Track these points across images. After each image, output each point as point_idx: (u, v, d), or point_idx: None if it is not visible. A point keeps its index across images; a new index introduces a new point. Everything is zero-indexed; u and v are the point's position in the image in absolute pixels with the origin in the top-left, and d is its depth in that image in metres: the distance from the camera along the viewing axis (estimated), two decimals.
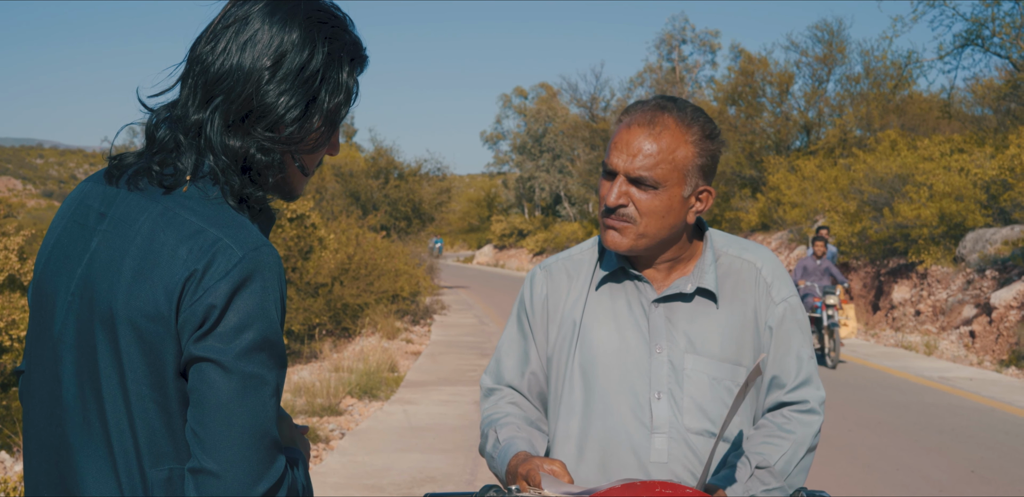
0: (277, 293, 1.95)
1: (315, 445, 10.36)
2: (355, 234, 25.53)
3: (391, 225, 39.76)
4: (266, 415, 1.90)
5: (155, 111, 2.10)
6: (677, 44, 62.59)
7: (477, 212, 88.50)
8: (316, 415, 11.97)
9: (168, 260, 1.90)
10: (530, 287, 3.02)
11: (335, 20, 2.12)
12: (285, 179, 2.15)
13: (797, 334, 2.85)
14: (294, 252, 22.98)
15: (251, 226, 1.98)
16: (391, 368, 16.55)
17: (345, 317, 23.16)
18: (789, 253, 32.46)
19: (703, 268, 2.84)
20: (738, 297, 2.84)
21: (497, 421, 2.90)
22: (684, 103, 2.79)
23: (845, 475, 9.35)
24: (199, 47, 2.06)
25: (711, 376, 2.77)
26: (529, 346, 2.98)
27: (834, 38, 40.00)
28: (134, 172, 2.05)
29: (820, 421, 2.82)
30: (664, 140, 2.68)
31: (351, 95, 2.14)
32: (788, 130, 40.97)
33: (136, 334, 1.90)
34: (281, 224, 23.19)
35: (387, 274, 24.97)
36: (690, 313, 2.82)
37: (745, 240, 2.99)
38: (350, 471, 9.17)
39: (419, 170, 42.75)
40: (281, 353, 1.95)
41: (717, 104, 44.53)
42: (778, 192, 34.90)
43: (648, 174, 2.67)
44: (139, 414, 1.91)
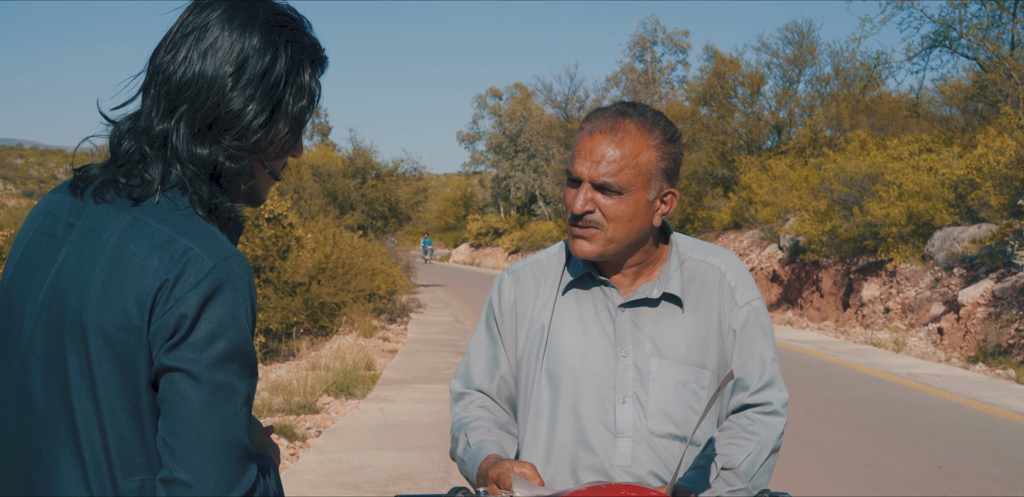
0: (248, 302, 1.94)
1: (292, 443, 10.40)
2: (332, 233, 25.56)
3: (368, 224, 39.73)
4: (237, 424, 1.89)
5: (117, 123, 2.07)
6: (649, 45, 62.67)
7: (453, 211, 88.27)
8: (293, 413, 12.07)
9: (139, 270, 1.89)
10: (498, 292, 3.05)
11: (293, 23, 2.10)
12: (254, 185, 2.13)
13: (760, 337, 2.90)
14: (272, 251, 23.00)
15: (221, 236, 1.97)
16: (368, 366, 16.58)
17: (322, 316, 23.20)
18: (760, 251, 32.63)
19: (668, 273, 2.88)
20: (703, 301, 2.88)
21: (467, 425, 2.94)
22: (644, 108, 2.82)
23: (813, 471, 9.48)
24: (159, 56, 2.04)
25: (676, 379, 2.81)
26: (498, 350, 3.01)
27: (804, 39, 40.12)
28: (100, 184, 2.03)
29: (784, 423, 2.90)
30: (627, 145, 2.71)
31: (314, 97, 2.12)
32: (759, 130, 41.08)
33: (107, 344, 1.89)
34: (259, 224, 23.19)
35: (364, 273, 25.00)
36: (656, 317, 2.85)
37: (709, 244, 3.04)
38: (326, 469, 9.24)
39: (396, 170, 42.69)
40: (252, 363, 1.94)
41: (690, 104, 44.58)
42: (750, 191, 34.99)
43: (613, 180, 2.70)
44: (110, 424, 1.91)
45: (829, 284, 27.06)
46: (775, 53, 40.84)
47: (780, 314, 28.46)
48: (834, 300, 26.67)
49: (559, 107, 63.86)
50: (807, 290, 28.38)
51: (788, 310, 28.72)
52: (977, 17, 29.55)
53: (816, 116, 38.22)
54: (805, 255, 27.85)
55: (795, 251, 29.34)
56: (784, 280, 29.98)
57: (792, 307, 28.87)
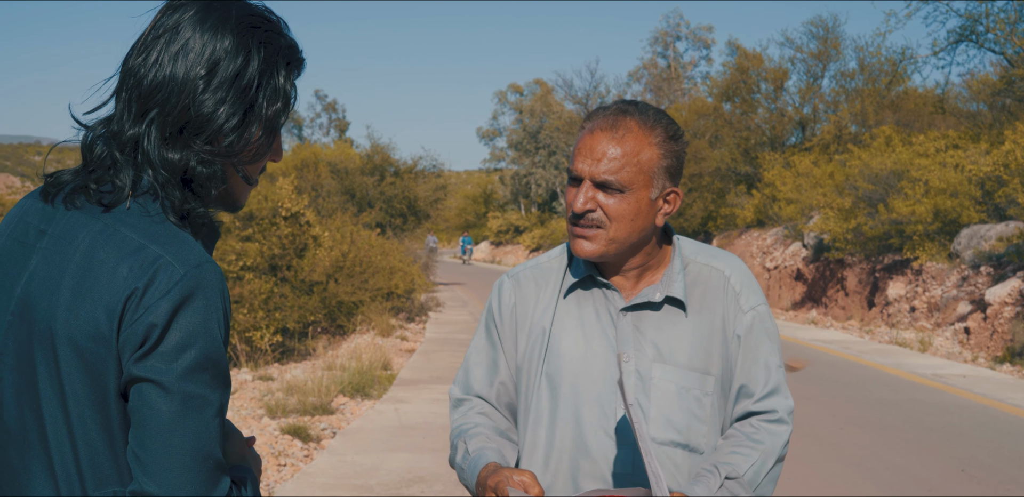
0: (220, 311, 1.90)
1: (306, 444, 10.35)
2: (350, 232, 25.53)
3: (386, 222, 39.74)
4: (209, 436, 1.85)
5: (90, 127, 2.05)
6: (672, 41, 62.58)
7: (473, 208, 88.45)
8: (308, 414, 11.93)
9: (108, 278, 1.86)
10: (498, 296, 3.01)
11: (268, 24, 2.06)
12: (228, 190, 2.11)
13: (765, 343, 2.85)
14: (289, 250, 22.99)
15: (194, 242, 1.94)
16: (384, 366, 16.54)
17: (340, 315, 23.19)
18: (784, 249, 32.46)
19: (672, 276, 2.83)
20: (707, 305, 2.83)
21: (467, 432, 2.89)
22: (645, 106, 2.79)
23: (833, 474, 9.32)
24: (131, 59, 2.01)
25: (679, 385, 2.76)
26: (498, 355, 2.97)
27: (829, 34, 39.92)
28: (71, 190, 2.00)
29: (789, 431, 2.82)
30: (628, 143, 2.68)
31: (289, 100, 2.09)
32: (783, 126, 40.93)
33: (77, 354, 1.86)
34: (276, 222, 23.19)
35: (382, 271, 24.98)
36: (658, 322, 2.81)
37: (713, 248, 2.98)
38: (339, 471, 9.15)
39: (415, 167, 42.72)
40: (224, 373, 1.90)
41: (712, 100, 44.47)
42: (773, 188, 34.87)
43: (614, 178, 2.66)
44: (81, 436, 1.87)
45: (854, 283, 26.88)
46: (799, 48, 40.68)
47: (804, 313, 28.33)
48: (859, 299, 26.50)
49: (580, 103, 63.88)
50: (831, 289, 28.21)
51: (812, 309, 28.57)
52: (1004, 11, 29.27)
53: (840, 112, 38.01)
54: (830, 253, 27.70)
55: (819, 249, 29.20)
56: (808, 278, 29.84)
57: (816, 306, 28.71)
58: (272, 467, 9.36)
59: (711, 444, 2.79)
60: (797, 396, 12.88)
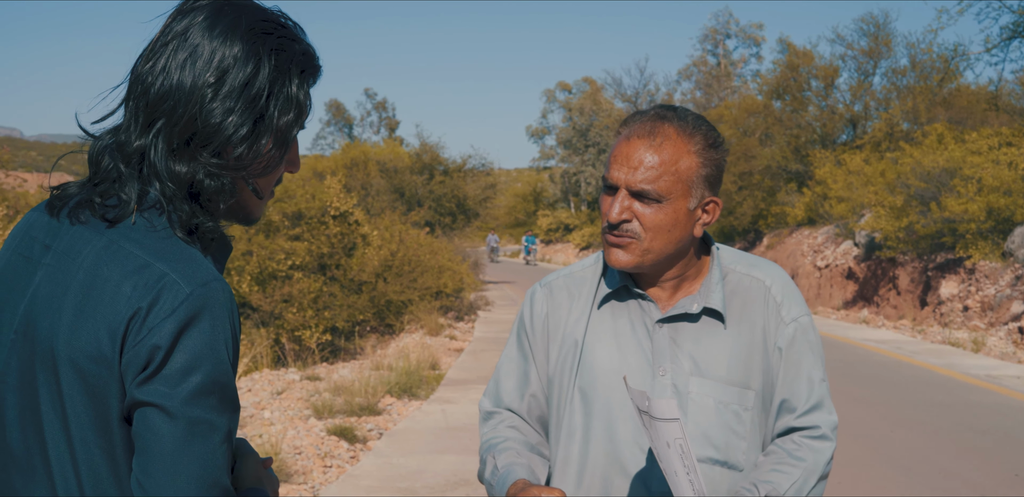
0: (228, 331, 1.81)
1: (352, 446, 10.33)
2: (398, 231, 25.57)
3: (436, 221, 39.80)
4: (215, 463, 1.77)
5: (98, 137, 1.97)
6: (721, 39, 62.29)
7: (523, 207, 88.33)
8: (355, 415, 11.92)
9: (111, 297, 1.78)
10: (530, 305, 2.92)
11: (281, 30, 1.97)
12: (239, 203, 2.02)
13: (808, 355, 2.74)
14: (337, 249, 23.08)
15: (201, 259, 1.85)
16: (432, 365, 16.53)
17: (389, 314, 23.23)
18: (835, 248, 32.21)
19: (710, 287, 2.74)
20: (746, 317, 2.74)
21: (496, 446, 2.81)
22: (685, 112, 2.69)
23: (882, 478, 9.20)
24: (140, 66, 1.93)
25: (717, 400, 2.67)
26: (529, 367, 2.89)
27: (880, 31, 39.55)
28: (75, 204, 1.93)
29: (832, 448, 2.72)
30: (666, 151, 2.58)
31: (303, 110, 2.00)
32: (834, 124, 40.57)
33: (79, 376, 1.78)
34: (325, 221, 23.26)
35: (431, 270, 25.00)
36: (696, 334, 2.71)
37: (754, 256, 2.89)
38: (384, 473, 9.12)
39: (464, 166, 42.77)
40: (232, 396, 1.82)
41: (762, 98, 44.20)
42: (824, 186, 34.60)
43: (651, 187, 2.57)
44: (84, 461, 1.80)
45: (906, 282, 26.62)
46: (850, 45, 40.33)
47: (855, 312, 28.07)
48: (911, 298, 26.25)
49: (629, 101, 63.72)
50: (883, 288, 27.96)
51: (863, 308, 28.32)
52: None
53: (892, 109, 37.64)
54: (881, 252, 27.45)
55: (871, 248, 28.95)
56: (860, 277, 29.59)
57: (868, 305, 28.47)
58: (318, 469, 9.36)
59: (751, 461, 2.70)
60: (847, 397, 12.78)
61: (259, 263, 22.32)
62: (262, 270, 22.42)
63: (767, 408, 2.73)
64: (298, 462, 9.45)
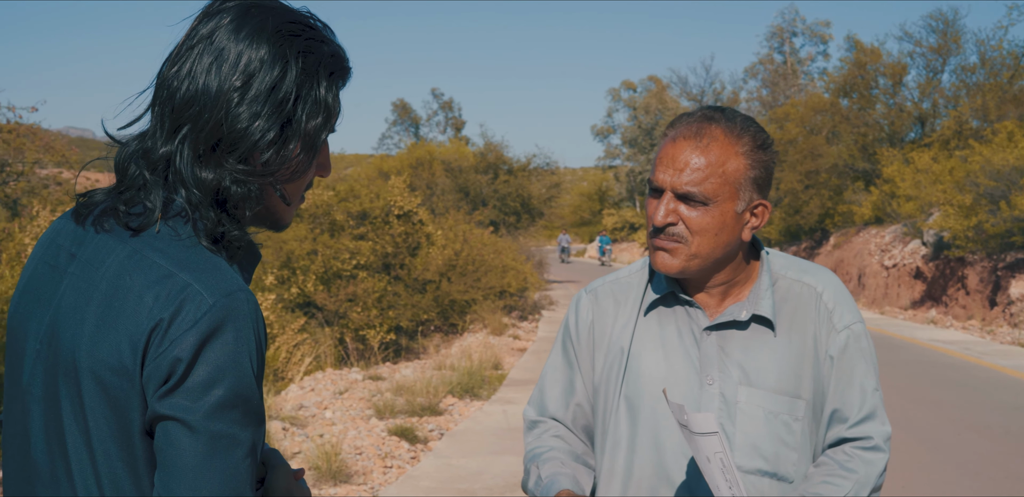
0: (252, 343, 1.77)
1: (412, 446, 10.35)
2: (462, 230, 25.61)
3: (500, 220, 39.83)
4: (239, 479, 1.73)
5: (124, 143, 1.93)
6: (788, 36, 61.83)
7: (589, 206, 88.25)
8: (416, 415, 11.94)
9: (134, 308, 1.74)
10: (575, 312, 2.87)
11: (309, 31, 1.92)
12: (268, 210, 1.98)
13: (861, 364, 2.66)
14: (402, 248, 23.17)
15: (226, 269, 1.81)
16: (495, 365, 16.52)
17: (453, 313, 23.28)
18: (903, 247, 31.86)
19: (759, 293, 2.67)
20: (797, 324, 2.67)
21: (540, 456, 2.76)
22: (733, 113, 2.62)
23: (948, 482, 9.06)
24: (165, 70, 1.89)
25: (767, 410, 2.60)
26: (574, 375, 2.83)
27: (949, 28, 39.05)
28: (100, 212, 1.89)
29: (885, 459, 2.64)
30: (713, 152, 2.52)
31: (331, 113, 1.95)
32: (902, 122, 40.11)
33: (100, 388, 1.75)
34: (389, 220, 23.36)
35: (494, 270, 25.03)
36: (745, 342, 2.64)
37: (806, 262, 2.81)
38: (443, 474, 9.11)
39: (528, 165, 42.77)
40: (256, 409, 1.78)
41: (829, 96, 43.78)
42: (892, 185, 34.23)
43: (697, 189, 2.51)
44: (106, 475, 1.76)
45: (975, 281, 26.27)
46: (918, 42, 39.84)
47: (923, 312, 27.75)
48: (980, 298, 25.89)
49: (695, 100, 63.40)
50: (952, 287, 27.61)
51: (931, 308, 27.98)
52: None
53: (961, 107, 37.14)
54: (950, 251, 27.11)
55: (939, 247, 28.59)
56: (928, 277, 29.25)
57: (936, 305, 28.12)
58: (378, 469, 9.38)
59: (801, 472, 2.63)
60: (912, 399, 12.61)
61: (324, 262, 22.46)
62: (327, 269, 22.57)
63: (818, 418, 2.66)
64: (358, 462, 9.47)
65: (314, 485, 8.75)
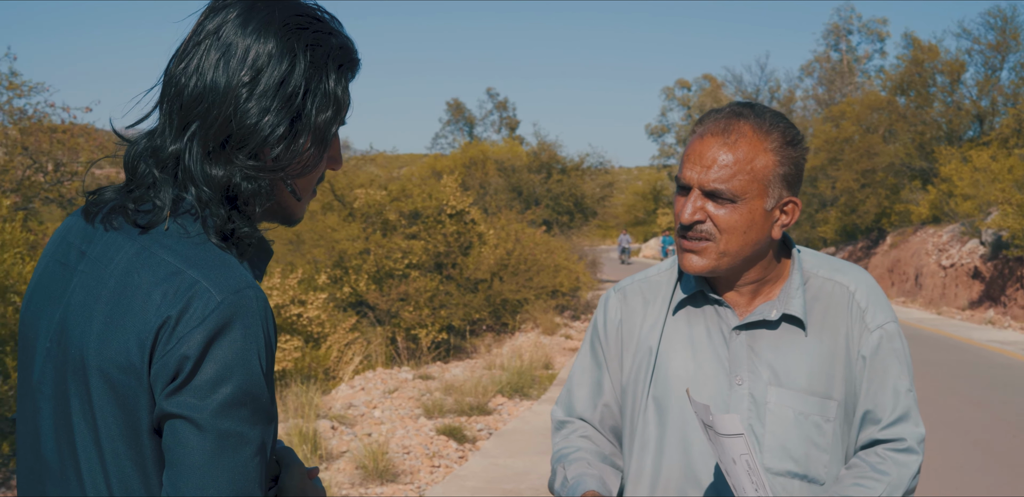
0: (261, 340, 1.74)
1: (460, 445, 10.34)
2: (515, 229, 25.60)
3: (553, 220, 39.83)
4: (247, 477, 1.71)
5: (133, 142, 1.91)
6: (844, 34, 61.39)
7: (643, 205, 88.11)
8: (465, 414, 11.94)
9: (141, 305, 1.72)
10: (604, 311, 2.82)
11: (317, 24, 1.90)
12: (279, 205, 1.96)
13: (894, 365, 2.61)
14: (454, 248, 23.18)
15: (236, 266, 1.79)
16: (546, 365, 16.49)
17: (504, 313, 23.27)
18: (961, 247, 31.55)
19: (789, 292, 2.62)
20: (828, 324, 2.61)
21: (567, 457, 2.73)
22: (763, 109, 2.57)
23: (1001, 485, 8.92)
24: (172, 67, 1.87)
25: (797, 411, 2.55)
26: (602, 375, 2.79)
27: (1007, 25, 38.62)
28: (109, 210, 1.88)
29: (918, 462, 2.58)
30: (741, 149, 2.47)
31: (341, 106, 1.92)
32: (960, 120, 39.73)
33: (108, 386, 1.73)
34: (441, 220, 23.39)
35: (547, 269, 25.00)
36: (775, 341, 2.59)
37: (839, 260, 2.74)
38: (490, 474, 9.09)
39: (581, 164, 42.76)
40: (265, 407, 1.75)
41: (886, 94, 43.46)
42: (950, 184, 33.90)
43: (724, 186, 2.46)
44: (115, 473, 1.75)
45: None
46: (976, 40, 39.44)
47: (981, 313, 27.47)
48: None
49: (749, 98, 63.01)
50: (1011, 287, 27.31)
51: (990, 308, 27.68)
52: None
53: (1020, 105, 36.72)
54: (1009, 251, 26.81)
55: (998, 246, 28.29)
56: (986, 277, 28.94)
57: (994, 305, 27.82)
58: (425, 469, 9.37)
59: (833, 474, 2.58)
60: (966, 400, 12.46)
61: (376, 262, 22.52)
62: (379, 269, 22.63)
63: (850, 419, 2.60)
64: (406, 462, 9.47)
65: (360, 484, 8.76)
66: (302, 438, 9.41)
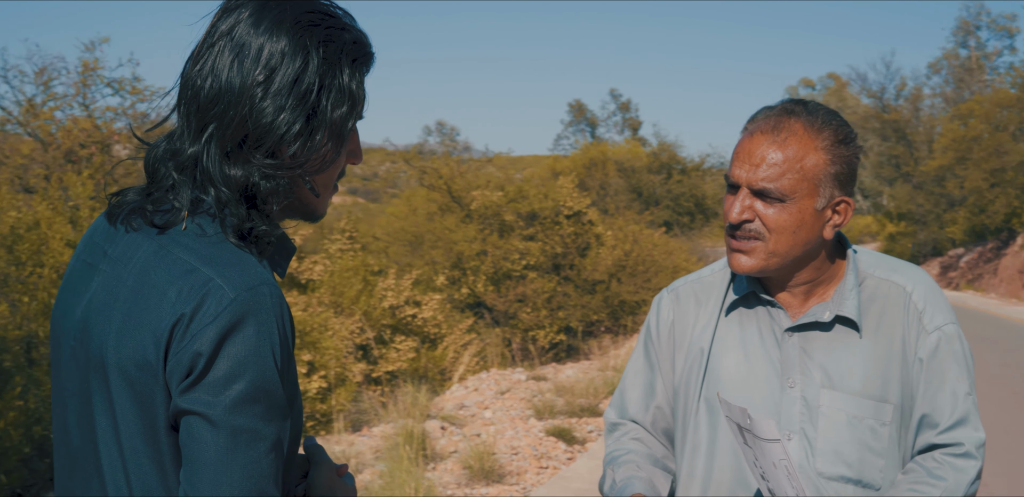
0: (275, 337, 1.76)
1: (570, 447, 10.31)
2: (632, 231, 25.52)
3: (673, 221, 39.64)
4: (261, 473, 1.72)
5: (153, 145, 1.93)
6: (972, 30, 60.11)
7: None
8: (575, 416, 11.91)
9: (157, 303, 1.75)
10: (656, 313, 2.80)
11: (329, 20, 1.90)
12: (300, 202, 1.97)
13: (953, 367, 2.53)
14: (571, 249, 23.20)
15: (252, 263, 1.81)
16: None
17: (623, 314, 23.22)
18: None
19: (843, 293, 2.56)
20: (884, 325, 2.55)
21: (617, 459, 2.71)
22: (815, 106, 2.52)
23: None
24: (188, 69, 1.89)
25: (850, 414, 2.49)
26: (655, 377, 2.77)
27: None
28: (129, 211, 1.90)
29: (977, 467, 2.49)
30: (791, 147, 2.43)
31: (356, 100, 1.92)
32: None
33: (127, 383, 1.76)
34: (559, 221, 23.41)
35: (665, 270, 24.88)
36: (828, 343, 2.54)
37: (897, 260, 2.68)
38: (595, 476, 8.96)
39: (702, 165, 42.51)
40: (279, 404, 1.76)
41: (1016, 91, 42.49)
42: None
43: (773, 185, 2.42)
44: (134, 470, 1.77)
45: None
46: None
47: None
48: None
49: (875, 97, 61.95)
50: None
51: None
52: None
53: None
54: None
55: None
56: None
57: None
58: (533, 469, 9.37)
59: (889, 479, 2.52)
60: None
61: (494, 263, 22.63)
62: (497, 270, 22.74)
63: (907, 423, 2.54)
64: (513, 462, 9.48)
65: (466, 484, 8.80)
66: (407, 438, 9.46)
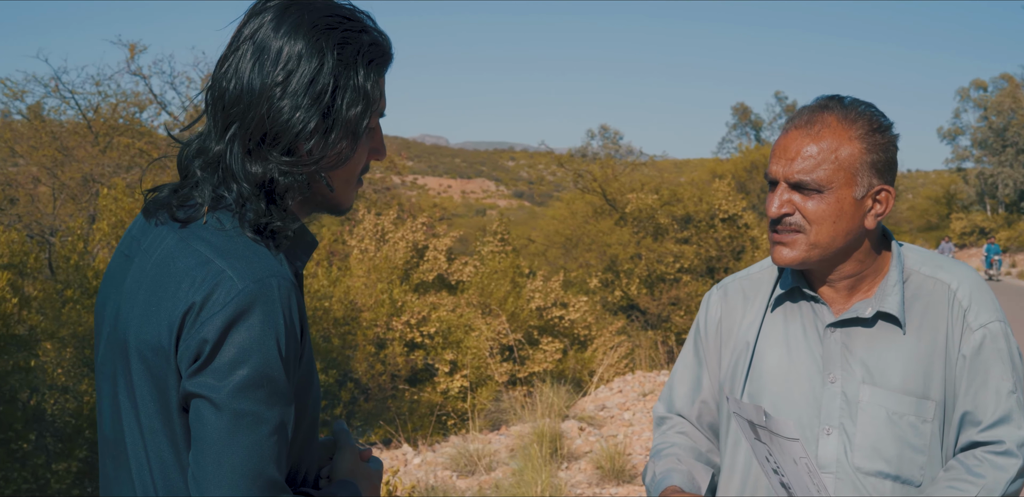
0: (282, 326, 1.85)
1: None
2: None
3: None
4: (262, 455, 1.81)
5: (186, 144, 2.05)
6: None
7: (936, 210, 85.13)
8: None
9: (173, 292, 1.86)
10: (705, 309, 2.84)
11: (347, 23, 1.99)
12: (320, 197, 2.07)
13: (996, 365, 2.52)
14: (726, 252, 23.05)
15: (266, 256, 1.91)
16: None
17: None
18: None
19: (886, 289, 2.56)
20: (927, 322, 2.55)
21: (660, 452, 2.76)
22: (851, 100, 2.55)
23: None
24: (216, 71, 2.00)
25: (890, 410, 2.50)
26: (702, 372, 2.81)
27: None
28: (158, 207, 2.02)
29: (1018, 465, 2.47)
30: (825, 139, 2.46)
31: (371, 100, 2.00)
32: None
33: (145, 367, 1.88)
34: (714, 224, 23.27)
35: None
36: (870, 339, 2.55)
37: (944, 257, 2.67)
38: None
39: None
40: (283, 389, 1.85)
41: None
42: None
43: (808, 177, 2.45)
44: (153, 450, 1.89)
45: None
46: None
47: None
48: None
49: None
50: None
51: None
52: None
53: None
54: None
55: None
56: None
57: None
58: None
59: (930, 476, 2.51)
60: None
61: (647, 266, 22.60)
62: (650, 273, 22.71)
63: (950, 420, 2.53)
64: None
65: (597, 484, 8.84)
66: (539, 437, 9.54)
